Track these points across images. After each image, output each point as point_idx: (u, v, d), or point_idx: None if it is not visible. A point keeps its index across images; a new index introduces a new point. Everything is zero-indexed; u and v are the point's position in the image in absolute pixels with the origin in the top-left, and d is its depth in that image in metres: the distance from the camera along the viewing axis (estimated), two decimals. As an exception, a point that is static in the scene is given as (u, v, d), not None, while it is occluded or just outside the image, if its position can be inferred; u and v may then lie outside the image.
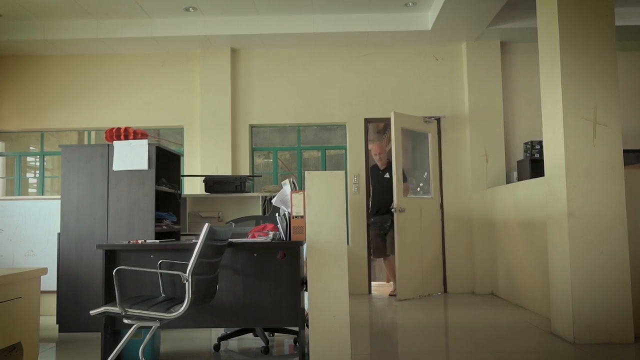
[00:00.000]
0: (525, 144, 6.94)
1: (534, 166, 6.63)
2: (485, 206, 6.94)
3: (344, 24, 6.78)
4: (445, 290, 7.00)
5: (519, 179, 6.84)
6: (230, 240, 3.59)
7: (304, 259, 3.89)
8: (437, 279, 6.99)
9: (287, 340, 4.43)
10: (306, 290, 3.67)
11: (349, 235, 6.96)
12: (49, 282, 5.09)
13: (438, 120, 7.17)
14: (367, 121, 7.24)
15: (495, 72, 7.13)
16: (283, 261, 3.63)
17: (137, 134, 4.82)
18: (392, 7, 6.55)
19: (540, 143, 6.72)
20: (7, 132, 7.58)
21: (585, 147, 4.19)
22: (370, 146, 7.25)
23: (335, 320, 3.53)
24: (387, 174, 6.82)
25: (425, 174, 7.24)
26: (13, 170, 7.69)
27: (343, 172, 3.73)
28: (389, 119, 6.92)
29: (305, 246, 3.79)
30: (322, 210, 3.60)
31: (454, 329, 4.75)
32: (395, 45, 7.27)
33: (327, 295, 3.55)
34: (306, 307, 3.72)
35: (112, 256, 3.67)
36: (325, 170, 7.36)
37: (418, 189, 7.27)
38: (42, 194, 7.57)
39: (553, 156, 4.38)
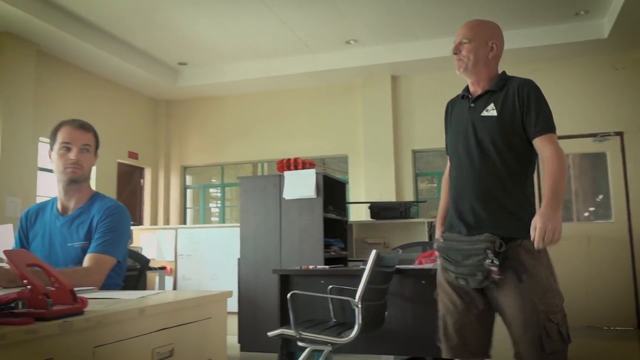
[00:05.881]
0: None
1: None
2: (684, 230, 6.08)
3: (508, 40, 6.44)
4: (638, 326, 6.20)
5: None
6: (397, 266, 3.57)
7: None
8: (628, 311, 6.22)
9: (458, 371, 4.25)
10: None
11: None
12: (231, 303, 5.50)
13: (620, 135, 6.49)
14: (538, 140, 6.81)
15: (690, 78, 6.29)
16: (452, 289, 3.51)
17: (306, 164, 5.06)
18: (561, 18, 6.14)
19: None
20: (193, 166, 8.45)
21: None
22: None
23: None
24: (490, 108, 2.33)
25: (601, 196, 6.58)
26: (199, 200, 8.53)
27: (514, 195, 3.53)
28: (564, 137, 6.45)
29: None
30: (492, 235, 3.43)
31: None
32: (567, 58, 6.77)
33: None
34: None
35: (286, 281, 3.86)
36: (493, 193, 7.04)
37: (586, 213, 6.64)
38: (224, 222, 8.27)
39: None
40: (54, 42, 6.09)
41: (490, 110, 2.29)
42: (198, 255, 6.17)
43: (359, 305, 3.10)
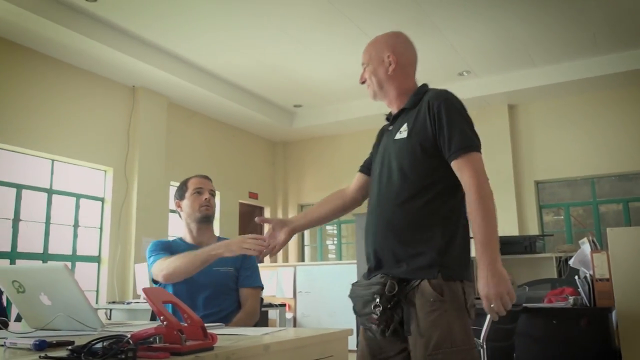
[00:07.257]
0: None
1: None
2: None
3: (635, 60, 6.04)
4: None
5: None
6: (524, 305, 3.37)
7: (614, 328, 3.41)
8: None
9: (600, 422, 3.87)
10: (621, 365, 3.19)
11: (669, 300, 5.90)
12: (351, 341, 5.47)
13: None
14: (679, 165, 6.19)
15: None
16: (588, 329, 3.24)
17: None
18: (699, 30, 5.62)
19: None
20: (310, 204, 8.64)
21: None
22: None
23: (662, 404, 2.95)
24: (403, 129, 1.93)
25: None
26: (316, 238, 8.67)
27: (655, 226, 3.23)
28: None
29: (614, 313, 3.33)
30: (632, 272, 3.15)
31: None
32: None
33: (649, 373, 3.02)
34: (622, 385, 3.22)
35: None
36: (630, 225, 6.46)
37: None
38: (340, 259, 8.32)
39: None
40: (183, 94, 6.62)
41: (402, 132, 1.90)
42: (316, 291, 6.25)
43: (484, 346, 2.95)
